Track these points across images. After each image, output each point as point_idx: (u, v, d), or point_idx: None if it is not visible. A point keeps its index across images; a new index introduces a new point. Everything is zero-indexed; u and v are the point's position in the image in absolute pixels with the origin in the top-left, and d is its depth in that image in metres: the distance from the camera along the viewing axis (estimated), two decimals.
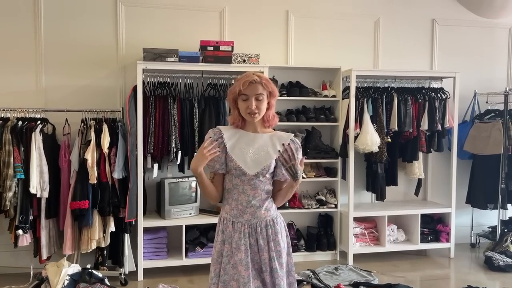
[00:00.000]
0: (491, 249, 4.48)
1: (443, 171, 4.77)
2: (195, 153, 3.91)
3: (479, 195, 4.74)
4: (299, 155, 2.08)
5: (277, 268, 2.04)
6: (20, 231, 3.57)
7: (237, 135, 2.10)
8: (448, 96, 4.56)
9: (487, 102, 4.83)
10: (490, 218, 4.93)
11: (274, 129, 2.19)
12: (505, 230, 4.68)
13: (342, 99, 4.42)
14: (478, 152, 4.68)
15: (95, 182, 3.65)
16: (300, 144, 2.14)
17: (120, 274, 3.76)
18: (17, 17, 4.00)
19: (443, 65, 4.89)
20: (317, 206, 4.41)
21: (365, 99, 4.35)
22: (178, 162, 3.99)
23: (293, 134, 2.14)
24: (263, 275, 2.05)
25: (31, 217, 3.63)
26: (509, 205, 4.76)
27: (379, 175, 4.45)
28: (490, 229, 4.90)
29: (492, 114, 4.74)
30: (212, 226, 4.09)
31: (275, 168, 2.09)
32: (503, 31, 5.11)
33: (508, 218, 4.90)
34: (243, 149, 2.06)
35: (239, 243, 2.03)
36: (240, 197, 2.06)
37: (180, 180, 4.06)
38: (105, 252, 3.84)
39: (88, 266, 3.58)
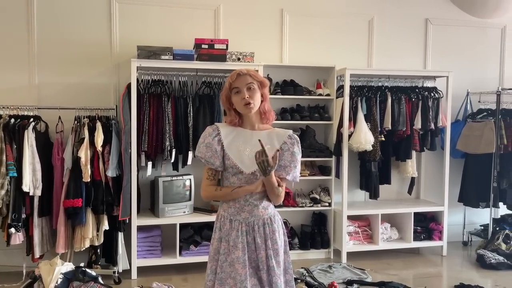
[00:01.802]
0: (483, 247, 4.53)
1: (436, 170, 4.80)
2: (189, 152, 3.97)
3: (471, 194, 4.78)
4: (295, 150, 2.08)
5: (274, 266, 2.04)
6: (12, 230, 3.54)
7: (234, 132, 2.10)
8: (441, 95, 4.59)
9: (479, 102, 4.87)
10: (482, 216, 4.98)
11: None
12: (497, 228, 4.72)
13: (336, 97, 4.43)
14: (471, 151, 4.72)
15: (89, 180, 3.63)
16: (298, 139, 2.13)
17: (114, 272, 3.75)
18: (10, 14, 3.96)
19: (436, 65, 4.93)
20: (311, 204, 4.43)
21: (359, 98, 4.36)
22: (172, 160, 3.98)
23: (291, 131, 2.14)
24: (260, 273, 2.05)
25: (23, 215, 3.60)
26: (500, 204, 4.81)
27: (372, 173, 4.47)
28: (482, 227, 4.94)
29: (485, 113, 4.78)
30: (206, 225, 4.09)
31: None
32: (496, 31, 5.15)
33: (499, 217, 4.95)
34: (240, 147, 2.06)
35: (237, 241, 2.03)
36: None
37: (174, 178, 4.05)
38: (98, 250, 3.82)
39: (82, 264, 3.56)
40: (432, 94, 4.58)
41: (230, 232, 2.06)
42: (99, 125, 3.72)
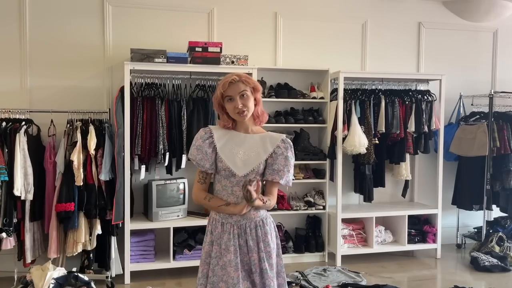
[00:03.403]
0: (477, 250, 4.54)
1: (429, 173, 4.82)
2: (183, 155, 3.95)
3: (465, 196, 4.80)
4: (289, 154, 2.08)
5: (267, 269, 2.03)
6: (3, 234, 3.49)
7: (227, 135, 2.09)
8: (434, 98, 4.61)
9: (472, 104, 4.90)
10: (476, 219, 5.00)
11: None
12: (490, 231, 4.74)
13: (330, 101, 4.43)
14: (464, 154, 4.74)
15: (81, 184, 3.60)
16: (291, 143, 2.13)
17: (107, 277, 3.71)
18: (1, 17, 3.93)
19: (429, 68, 4.95)
20: (306, 207, 4.42)
21: (353, 101, 4.37)
22: (166, 163, 3.95)
23: (284, 135, 2.13)
24: (252, 276, 2.04)
25: (15, 220, 3.56)
26: (494, 206, 4.83)
27: (366, 176, 4.47)
28: (476, 230, 4.97)
29: (477, 116, 4.81)
30: (200, 229, 4.07)
31: (264, 168, 2.08)
32: (488, 35, 5.19)
33: (493, 219, 4.97)
34: (233, 150, 2.05)
35: (228, 244, 2.02)
36: (229, 198, 2.04)
37: (167, 182, 4.02)
38: (91, 255, 3.78)
39: (74, 269, 3.51)
40: (426, 97, 4.60)
41: (221, 235, 2.05)
42: (92, 129, 3.70)
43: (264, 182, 2.11)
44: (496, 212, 4.98)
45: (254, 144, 2.07)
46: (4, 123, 3.63)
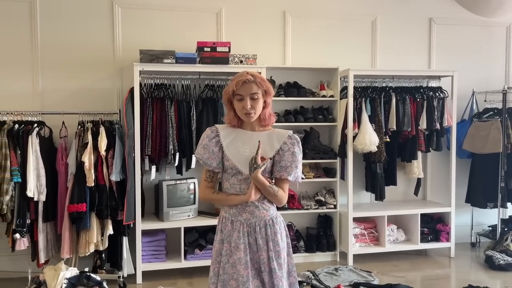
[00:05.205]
0: (492, 248, 4.47)
1: (442, 170, 4.75)
2: (192, 155, 3.95)
3: (479, 194, 4.73)
4: (296, 150, 2.06)
5: (276, 268, 2.02)
6: (17, 235, 3.54)
7: (233, 133, 2.08)
8: (446, 95, 4.55)
9: (485, 101, 4.82)
10: (490, 217, 4.92)
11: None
12: (505, 229, 4.67)
13: (340, 99, 4.40)
14: (477, 151, 4.67)
15: (93, 184, 3.63)
16: (298, 139, 2.11)
17: (119, 277, 3.74)
18: (13, 20, 3.99)
19: (441, 64, 4.89)
20: (316, 206, 4.40)
21: (363, 99, 4.34)
22: (176, 164, 3.97)
23: (291, 131, 2.11)
24: (262, 275, 2.03)
25: (28, 221, 3.60)
26: (508, 204, 4.76)
27: (378, 175, 4.43)
28: (490, 228, 4.89)
29: (491, 112, 4.73)
30: (211, 228, 4.07)
31: (272, 166, 2.06)
32: (501, 30, 5.11)
33: (508, 217, 4.90)
34: (240, 148, 2.05)
35: (238, 242, 2.02)
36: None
37: (178, 182, 4.04)
38: (103, 255, 3.82)
39: (86, 269, 3.53)
40: (437, 94, 4.54)
41: (231, 233, 2.04)
42: (102, 130, 3.73)
43: (273, 179, 2.10)
44: (511, 210, 4.90)
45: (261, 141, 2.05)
46: (16, 125, 3.68)
